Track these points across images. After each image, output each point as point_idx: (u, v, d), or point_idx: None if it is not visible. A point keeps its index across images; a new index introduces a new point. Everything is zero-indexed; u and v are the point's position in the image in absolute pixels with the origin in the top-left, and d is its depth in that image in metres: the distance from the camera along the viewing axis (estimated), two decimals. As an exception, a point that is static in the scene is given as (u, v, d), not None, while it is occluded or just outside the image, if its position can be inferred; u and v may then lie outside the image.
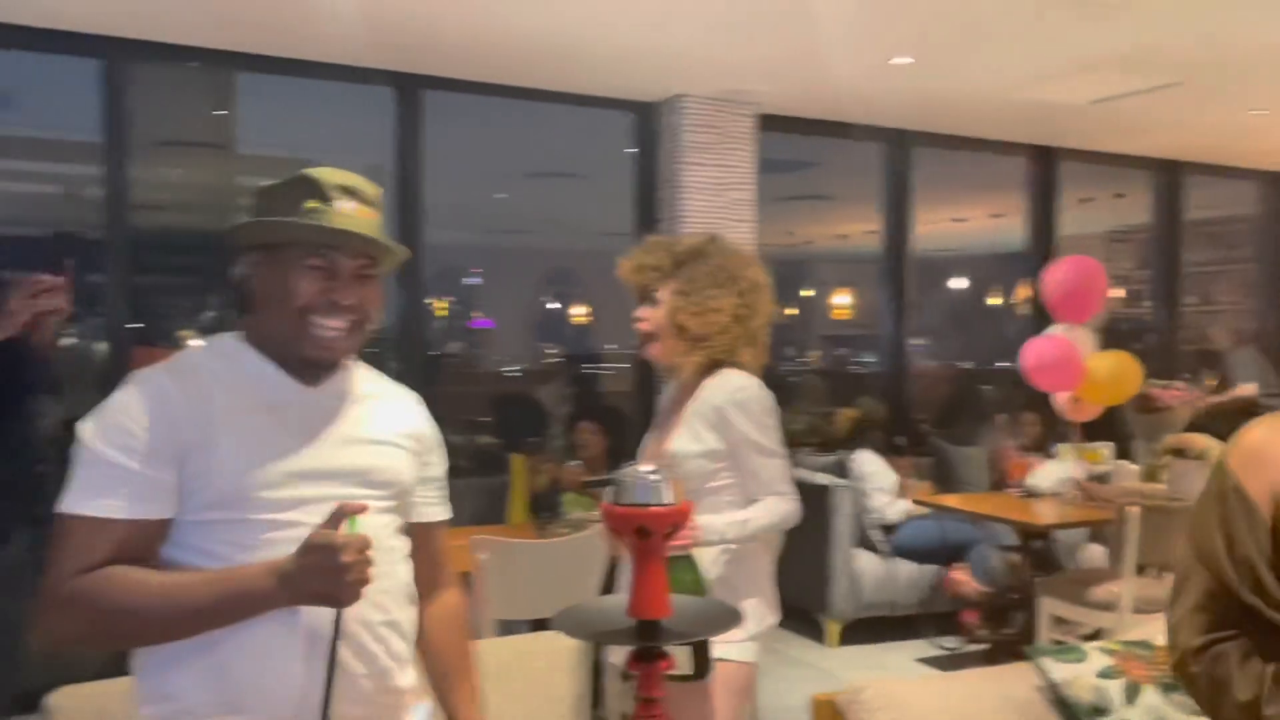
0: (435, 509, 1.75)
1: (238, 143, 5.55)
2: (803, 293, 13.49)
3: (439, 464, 1.77)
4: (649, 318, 2.45)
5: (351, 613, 1.44)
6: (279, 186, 1.54)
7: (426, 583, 1.72)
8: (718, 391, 2.39)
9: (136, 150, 4.51)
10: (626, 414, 5.63)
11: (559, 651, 2.32)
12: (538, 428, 6.41)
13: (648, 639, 1.20)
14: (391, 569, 1.58)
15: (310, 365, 1.56)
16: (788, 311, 12.67)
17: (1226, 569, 1.36)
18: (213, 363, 1.56)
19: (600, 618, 1.28)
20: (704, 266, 2.42)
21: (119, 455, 1.44)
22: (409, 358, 5.16)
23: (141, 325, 4.84)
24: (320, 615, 1.42)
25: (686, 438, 2.39)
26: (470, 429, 6.85)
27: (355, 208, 1.53)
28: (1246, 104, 5.58)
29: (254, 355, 1.56)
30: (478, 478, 5.22)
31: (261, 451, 1.49)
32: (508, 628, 3.53)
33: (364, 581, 1.40)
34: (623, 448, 2.32)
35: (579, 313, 13.29)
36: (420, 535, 1.71)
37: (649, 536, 1.20)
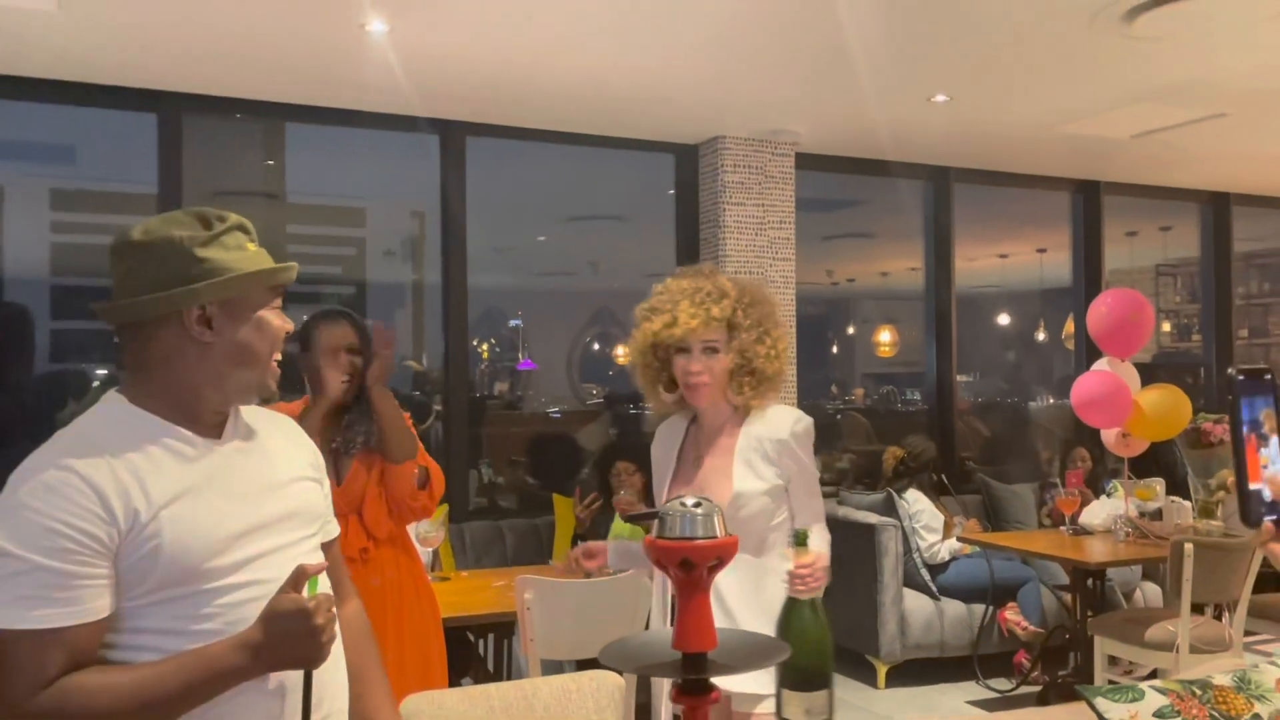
0: (329, 526, 1.72)
1: (287, 191, 5.68)
2: (847, 330, 13.44)
3: (327, 480, 1.75)
4: (709, 369, 2.35)
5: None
6: (204, 230, 1.50)
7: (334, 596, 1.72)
8: (779, 426, 2.37)
9: (190, 200, 4.64)
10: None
11: (605, 691, 2.31)
12: (580, 468, 6.42)
13: (694, 672, 1.20)
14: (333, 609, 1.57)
15: (216, 418, 1.53)
16: (831, 350, 12.62)
17: None
18: (115, 435, 1.45)
19: (646, 651, 1.28)
20: (763, 308, 2.39)
21: (50, 560, 1.34)
22: (454, 400, 5.21)
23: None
24: (290, 676, 1.43)
25: (749, 477, 2.34)
26: (514, 469, 6.87)
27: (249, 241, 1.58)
28: (1293, 134, 5.52)
29: (150, 419, 1.48)
30: (522, 518, 5.24)
31: (198, 521, 1.43)
32: (554, 668, 3.53)
33: (333, 638, 1.41)
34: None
35: (620, 354, 13.32)
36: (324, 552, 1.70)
37: (693, 569, 1.21)
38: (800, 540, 1.84)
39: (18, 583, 1.33)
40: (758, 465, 2.34)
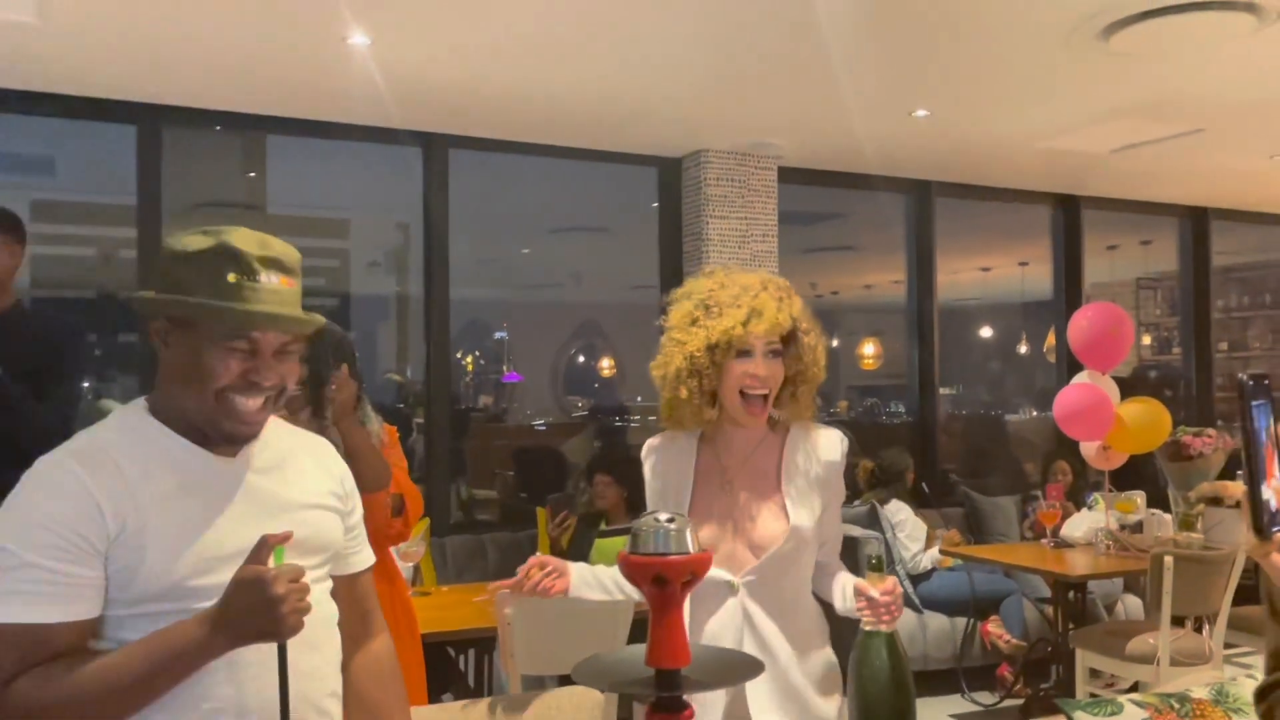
0: (358, 557, 1.68)
1: (269, 203, 5.66)
2: (832, 343, 13.49)
3: (359, 510, 1.70)
4: (774, 376, 2.03)
5: (296, 691, 1.39)
6: (198, 255, 1.45)
7: (354, 635, 1.66)
8: (829, 447, 2.12)
9: (170, 213, 4.62)
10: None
11: (586, 707, 2.30)
12: (563, 481, 6.41)
13: (667, 689, 1.19)
14: (329, 637, 1.54)
15: (227, 438, 1.50)
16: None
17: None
18: (122, 443, 1.46)
19: (620, 668, 1.27)
20: (807, 306, 2.11)
21: (40, 558, 1.36)
22: (436, 413, 5.19)
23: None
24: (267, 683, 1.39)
25: (803, 508, 2.06)
26: (497, 483, 6.85)
27: (279, 281, 1.46)
28: (1268, 149, 5.58)
29: (164, 431, 1.48)
30: (505, 531, 5.22)
31: (187, 538, 1.42)
32: (535, 683, 3.51)
33: (303, 610, 1.36)
34: (640, 499, 2.23)
35: (605, 365, 13.33)
36: (344, 587, 1.65)
37: (666, 585, 1.20)
38: (877, 566, 1.72)
39: (13, 578, 1.36)
40: (808, 494, 2.08)
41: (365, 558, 1.71)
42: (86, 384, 5.33)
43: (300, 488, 1.57)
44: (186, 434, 1.49)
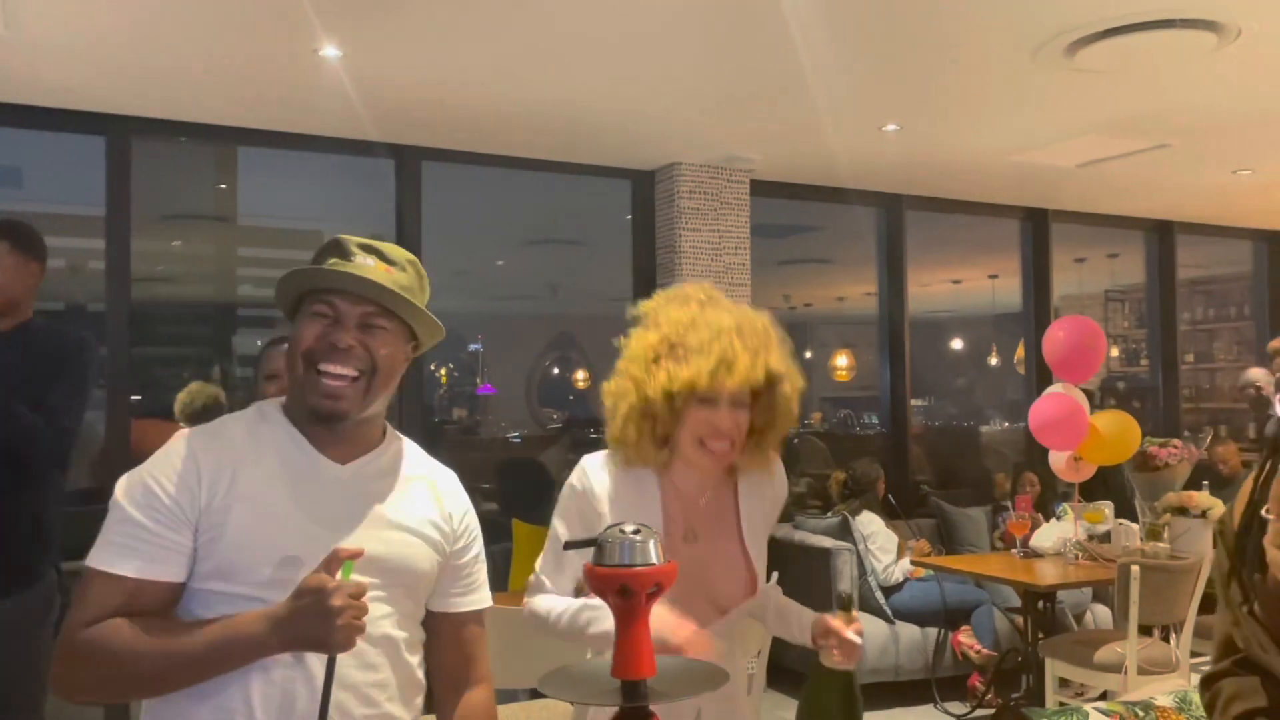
0: (467, 598, 1.67)
1: (239, 215, 5.64)
2: (805, 355, 13.55)
3: (473, 551, 1.69)
4: (739, 428, 1.82)
5: (335, 704, 1.41)
6: (316, 254, 1.57)
7: (453, 679, 1.66)
8: (778, 480, 2.00)
9: (139, 224, 4.59)
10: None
11: (555, 719, 2.30)
12: (540, 494, 6.40)
13: (632, 699, 1.20)
14: (388, 661, 1.53)
15: (324, 422, 1.52)
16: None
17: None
18: (248, 430, 1.55)
19: (585, 679, 1.28)
20: (786, 345, 1.90)
21: (138, 514, 1.45)
22: (410, 425, 5.18)
23: (140, 398, 4.86)
24: (298, 686, 1.43)
25: (760, 557, 1.93)
26: (472, 496, 6.84)
27: (375, 264, 1.53)
28: (1232, 164, 5.67)
29: (287, 426, 1.55)
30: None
31: (269, 528, 1.46)
32: (507, 696, 3.50)
33: (357, 629, 1.38)
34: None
35: (580, 378, 13.31)
36: (445, 626, 1.65)
37: (632, 596, 1.21)
38: (846, 604, 1.69)
39: (113, 529, 1.45)
40: (762, 536, 1.94)
41: (475, 600, 1.69)
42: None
43: (399, 509, 1.58)
44: (305, 432, 1.55)
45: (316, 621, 1.36)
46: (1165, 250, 7.27)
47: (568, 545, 1.36)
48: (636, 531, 1.24)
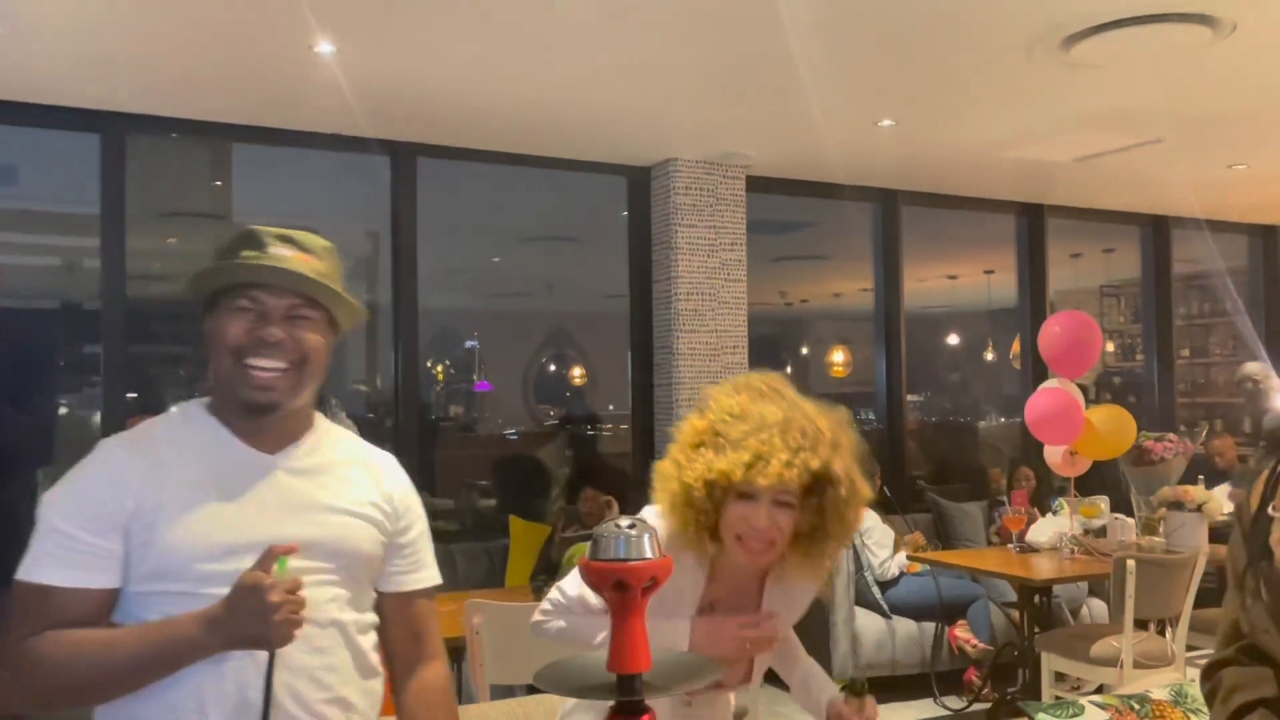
0: (412, 576, 1.68)
1: (234, 212, 5.63)
2: (801, 351, 13.55)
3: (416, 529, 1.69)
4: (779, 528, 1.74)
5: (286, 688, 1.43)
6: (225, 244, 1.55)
7: (405, 657, 1.67)
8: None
9: (134, 222, 4.58)
10: (628, 477, 5.65)
11: (554, 715, 2.31)
12: (536, 490, 6.40)
13: (627, 693, 1.20)
14: (338, 644, 1.54)
15: (258, 414, 1.53)
16: (785, 371, 12.72)
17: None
18: (172, 431, 1.55)
19: (581, 674, 1.28)
20: (853, 450, 1.81)
21: (66, 524, 1.44)
22: (406, 422, 5.18)
23: (136, 395, 4.86)
24: (240, 680, 1.42)
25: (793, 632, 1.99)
26: (469, 492, 6.84)
27: (292, 254, 1.52)
28: (1227, 159, 5.68)
29: (213, 422, 1.55)
30: (477, 541, 5.21)
31: (203, 523, 1.46)
32: (504, 693, 3.50)
33: (295, 623, 1.39)
34: (625, 510, 2.21)
35: (577, 374, 13.32)
36: (395, 606, 1.66)
37: (627, 590, 1.21)
38: (859, 690, 1.65)
39: (41, 542, 1.46)
40: (788, 615, 1.93)
41: (422, 578, 1.69)
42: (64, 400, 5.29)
43: (336, 493, 1.58)
44: (231, 426, 1.55)
45: (253, 619, 1.37)
46: (1160, 245, 7.29)
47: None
48: (631, 526, 1.24)
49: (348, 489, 1.60)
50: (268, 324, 1.51)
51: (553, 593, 1.93)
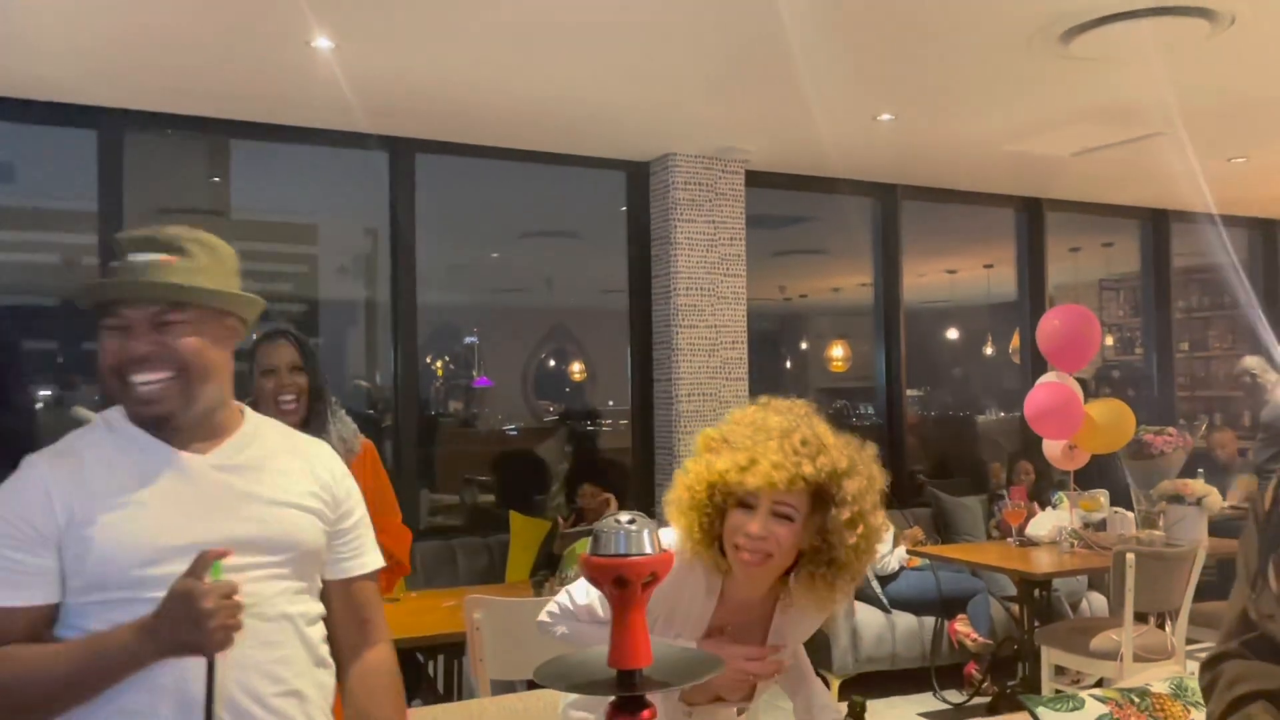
0: (352, 562, 1.67)
1: (232, 209, 5.62)
2: (800, 345, 13.56)
3: (355, 515, 1.68)
4: (775, 539, 1.75)
5: (240, 685, 1.42)
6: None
7: (350, 643, 1.66)
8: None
9: (131, 218, 4.58)
10: (627, 472, 5.65)
11: (553, 710, 2.31)
12: (536, 486, 6.40)
13: (627, 688, 1.20)
14: (290, 637, 1.53)
15: (156, 425, 1.51)
16: (785, 365, 12.73)
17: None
18: (97, 441, 1.52)
19: (581, 669, 1.28)
20: (866, 480, 1.84)
21: None
22: (406, 418, 5.17)
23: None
24: (192, 680, 1.40)
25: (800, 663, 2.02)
26: (469, 487, 6.84)
27: (151, 258, 1.48)
28: (1226, 152, 5.67)
29: (136, 430, 1.52)
30: (477, 537, 5.21)
31: (135, 529, 1.44)
32: (505, 688, 3.50)
33: (232, 628, 1.37)
34: (624, 506, 2.21)
35: (576, 370, 13.32)
36: (337, 592, 1.65)
37: (627, 585, 1.21)
38: (859, 712, 1.66)
39: None
40: (794, 643, 1.95)
41: (363, 563, 1.69)
42: (47, 392, 5.28)
43: (274, 486, 1.57)
44: (149, 429, 1.52)
45: (189, 626, 1.35)
46: (1159, 239, 7.28)
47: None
48: (631, 521, 1.24)
49: (286, 481, 1.59)
50: (134, 338, 1.48)
51: (561, 596, 1.94)
